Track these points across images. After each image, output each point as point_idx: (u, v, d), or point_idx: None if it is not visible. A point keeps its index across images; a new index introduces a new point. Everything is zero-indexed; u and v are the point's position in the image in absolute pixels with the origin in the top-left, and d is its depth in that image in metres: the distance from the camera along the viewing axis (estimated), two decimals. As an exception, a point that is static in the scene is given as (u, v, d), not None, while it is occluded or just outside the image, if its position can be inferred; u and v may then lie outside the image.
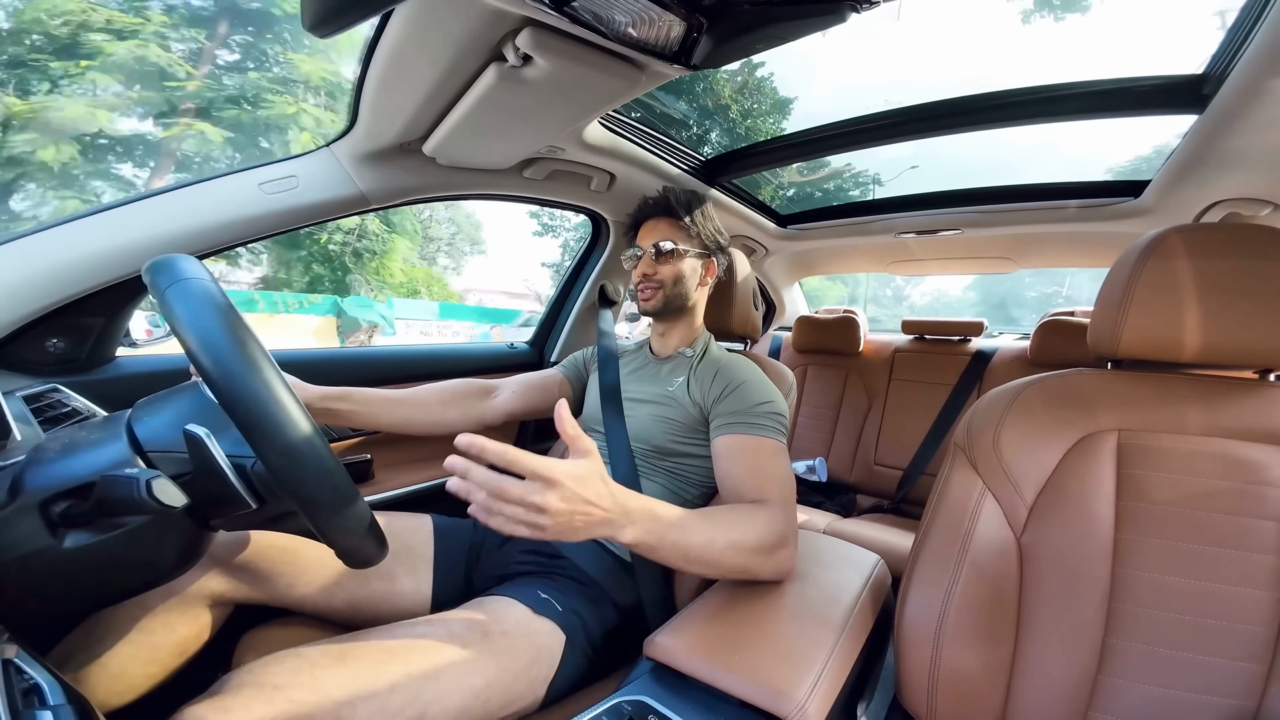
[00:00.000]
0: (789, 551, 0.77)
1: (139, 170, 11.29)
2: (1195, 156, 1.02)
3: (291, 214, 0.99)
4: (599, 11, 0.66)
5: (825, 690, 0.60)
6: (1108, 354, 0.72)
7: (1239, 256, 0.65)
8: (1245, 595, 0.60)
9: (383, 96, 0.87)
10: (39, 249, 0.82)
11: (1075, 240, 1.61)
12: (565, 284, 1.67)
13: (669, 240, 1.02)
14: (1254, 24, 0.74)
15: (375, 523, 0.54)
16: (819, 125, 1.30)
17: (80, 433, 0.54)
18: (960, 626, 0.66)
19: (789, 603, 0.76)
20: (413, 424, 1.02)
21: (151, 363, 1.01)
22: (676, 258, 1.02)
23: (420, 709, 0.61)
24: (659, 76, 0.81)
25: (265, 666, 0.57)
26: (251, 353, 0.46)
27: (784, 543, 0.76)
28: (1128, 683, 0.63)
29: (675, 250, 1.02)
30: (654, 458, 0.97)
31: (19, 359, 0.84)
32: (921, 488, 1.88)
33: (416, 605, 0.88)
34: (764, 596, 0.77)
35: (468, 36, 0.71)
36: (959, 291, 39.46)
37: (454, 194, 1.21)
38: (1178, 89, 0.95)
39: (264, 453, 0.46)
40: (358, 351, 1.33)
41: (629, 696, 0.60)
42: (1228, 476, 0.63)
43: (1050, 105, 1.08)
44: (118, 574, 0.52)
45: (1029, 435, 0.69)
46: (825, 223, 1.86)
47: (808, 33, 0.70)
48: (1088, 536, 0.65)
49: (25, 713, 0.36)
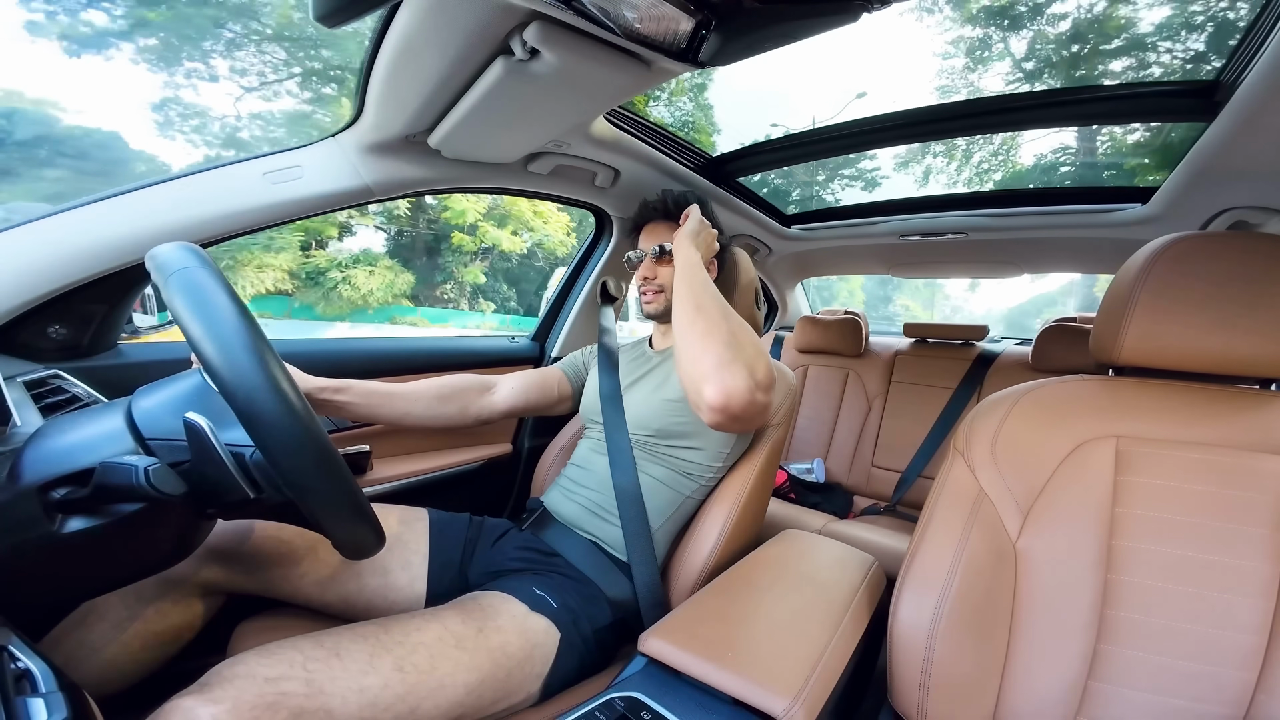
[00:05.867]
0: (749, 379, 0.74)
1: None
2: (1205, 164, 1.02)
3: (296, 204, 0.99)
4: (607, 7, 0.65)
5: (818, 690, 0.60)
6: (1109, 361, 0.72)
7: (1244, 265, 0.64)
8: (1238, 603, 0.60)
9: (389, 88, 0.86)
10: (43, 235, 0.82)
11: (1081, 246, 1.60)
12: (568, 279, 1.67)
13: (669, 242, 1.02)
14: (1268, 32, 0.73)
15: (372, 514, 0.54)
16: (826, 125, 1.30)
17: (80, 419, 0.54)
18: (954, 629, 0.66)
19: (784, 602, 0.76)
20: (411, 417, 1.02)
21: (152, 350, 1.01)
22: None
23: (413, 704, 0.61)
24: (666, 73, 0.80)
25: (257, 658, 0.57)
26: (253, 343, 0.46)
27: (753, 368, 0.75)
28: (1118, 689, 0.63)
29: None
30: (654, 443, 0.97)
31: (21, 344, 0.84)
32: (919, 490, 1.87)
33: (411, 599, 0.88)
34: (758, 595, 0.77)
35: (475, 29, 0.71)
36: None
37: (458, 187, 1.21)
38: (1188, 97, 0.95)
39: (263, 442, 0.46)
40: (358, 343, 1.33)
41: (622, 693, 0.60)
42: (1226, 485, 0.62)
43: (1060, 110, 1.07)
44: (114, 561, 0.52)
45: (1027, 441, 0.69)
46: (829, 223, 1.85)
47: (818, 31, 0.70)
48: (1083, 542, 0.65)
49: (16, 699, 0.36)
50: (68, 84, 13.26)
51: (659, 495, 0.94)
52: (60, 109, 13.21)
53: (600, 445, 1.01)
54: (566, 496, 1.01)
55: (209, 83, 13.48)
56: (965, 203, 1.60)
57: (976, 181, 12.54)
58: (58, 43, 12.98)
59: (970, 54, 12.57)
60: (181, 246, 0.51)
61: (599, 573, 0.89)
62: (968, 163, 12.72)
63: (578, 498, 0.99)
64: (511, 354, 1.59)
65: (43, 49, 12.89)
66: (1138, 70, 9.63)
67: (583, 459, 1.04)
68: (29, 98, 12.97)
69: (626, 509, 0.91)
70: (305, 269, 12.90)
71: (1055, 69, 11.05)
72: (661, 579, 0.91)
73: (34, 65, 13.27)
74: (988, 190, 1.55)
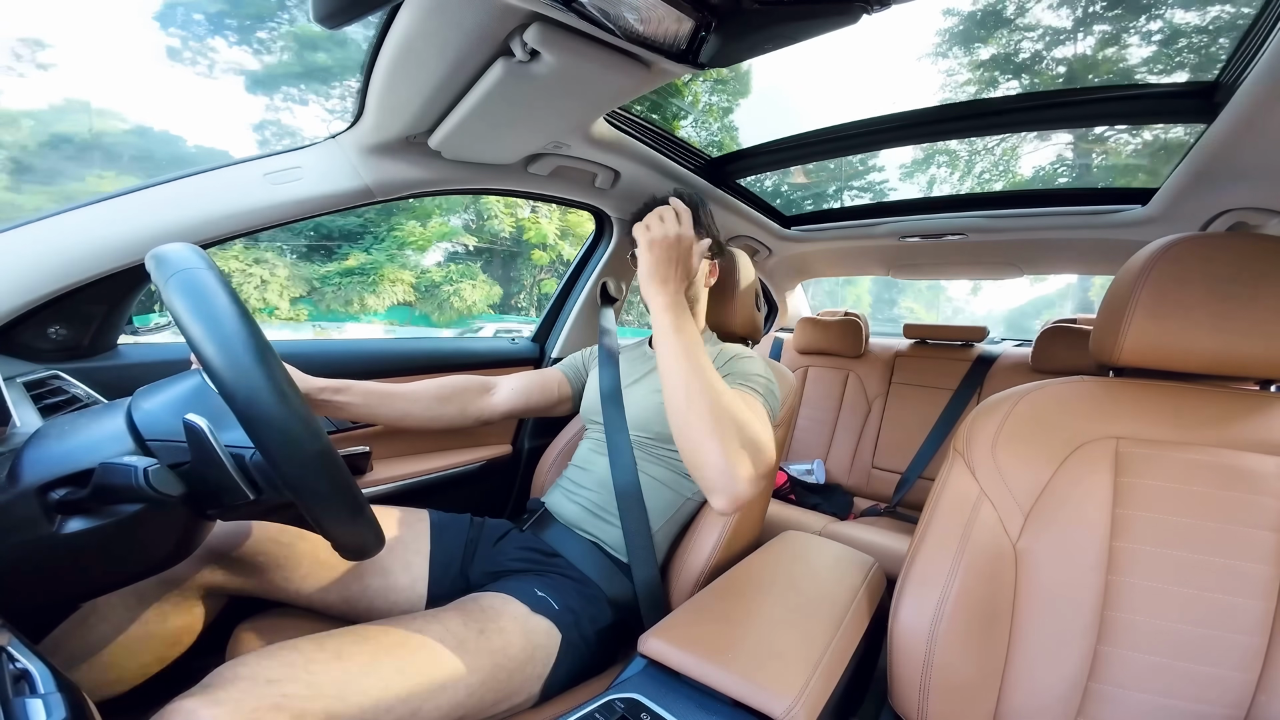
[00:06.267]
0: (752, 468, 0.69)
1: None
2: (1205, 165, 1.02)
3: (296, 205, 0.99)
4: (607, 8, 0.65)
5: (818, 691, 0.60)
6: (1109, 362, 0.72)
7: (1244, 266, 0.64)
8: (1238, 605, 0.60)
9: (389, 89, 0.86)
10: (43, 236, 0.82)
11: (1081, 247, 1.60)
12: (568, 280, 1.67)
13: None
14: (1268, 33, 0.73)
15: (372, 515, 0.54)
16: (826, 127, 1.29)
17: (80, 420, 0.54)
18: (954, 631, 0.66)
19: (784, 603, 0.76)
20: (410, 418, 1.02)
21: (153, 351, 1.01)
22: None
23: (414, 705, 0.61)
24: (666, 75, 0.80)
25: (258, 660, 0.57)
26: (253, 344, 0.46)
27: (755, 451, 0.70)
28: (1118, 690, 0.63)
29: None
30: (654, 445, 0.97)
31: (20, 345, 0.84)
32: (919, 492, 1.87)
33: (412, 600, 0.88)
34: (759, 596, 0.77)
35: (475, 30, 0.71)
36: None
37: (459, 188, 1.21)
38: (1189, 98, 0.95)
39: (263, 445, 0.46)
40: (358, 344, 1.33)
41: (622, 694, 0.60)
42: (1226, 487, 0.62)
43: (1059, 112, 1.07)
44: (113, 561, 0.52)
45: (1027, 442, 0.69)
46: (829, 225, 1.85)
47: (818, 33, 0.70)
48: (1083, 544, 0.65)
49: (15, 700, 0.36)
50: (191, 106, 16.77)
51: (659, 496, 0.94)
52: (182, 129, 16.65)
53: (601, 446, 1.00)
54: (567, 497, 1.01)
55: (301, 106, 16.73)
56: (965, 204, 1.60)
57: (978, 189, 12.73)
58: (188, 68, 16.28)
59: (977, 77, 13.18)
60: (182, 247, 0.51)
61: (600, 573, 0.89)
62: (970, 173, 12.90)
63: (578, 498, 0.99)
64: (511, 355, 1.59)
65: (177, 73, 16.32)
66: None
67: (583, 460, 1.04)
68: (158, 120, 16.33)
69: (627, 510, 0.91)
70: (422, 283, 15.69)
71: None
72: (662, 580, 0.91)
73: (165, 88, 16.85)
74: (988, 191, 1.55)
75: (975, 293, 25.99)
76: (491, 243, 16.38)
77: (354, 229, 15.55)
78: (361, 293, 14.95)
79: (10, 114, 15.30)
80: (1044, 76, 12.32)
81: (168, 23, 17.89)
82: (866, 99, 48.19)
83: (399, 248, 15.28)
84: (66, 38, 19.16)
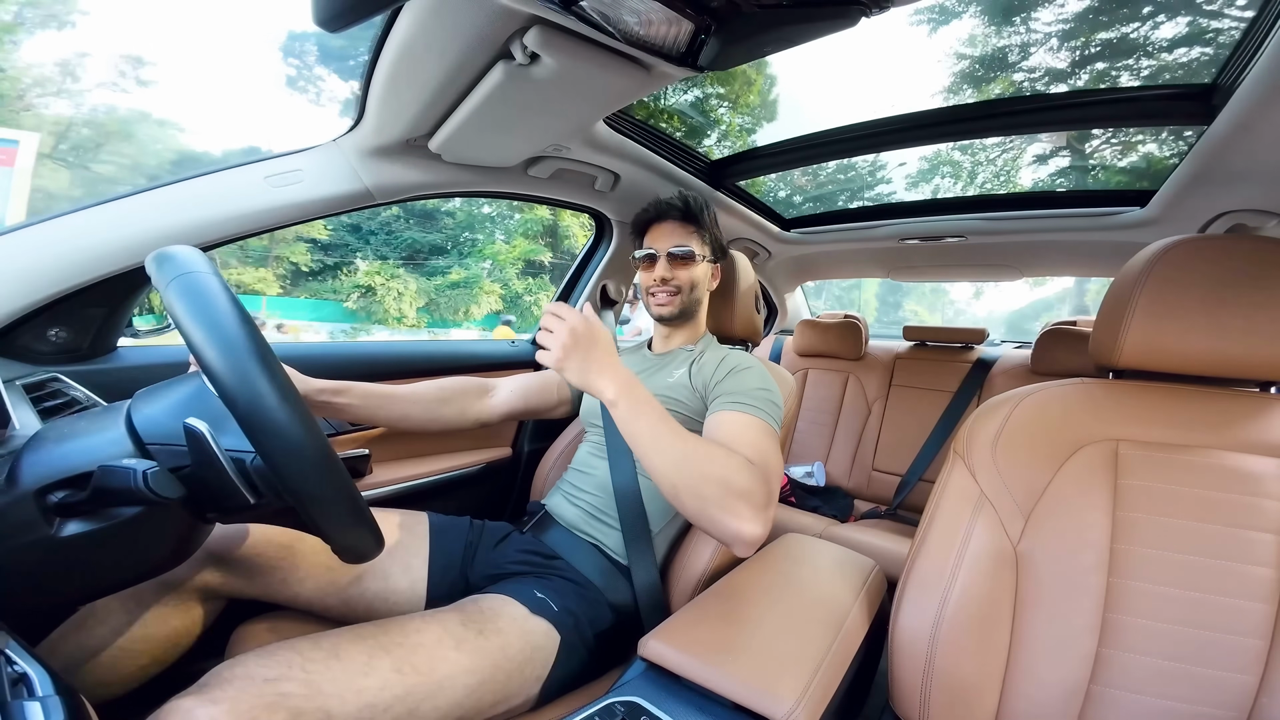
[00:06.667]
0: (752, 512, 0.68)
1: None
2: (1203, 168, 1.02)
3: (296, 208, 0.99)
4: (607, 12, 0.66)
5: (818, 694, 0.60)
6: (1109, 364, 0.72)
7: (1243, 268, 0.64)
8: (1240, 607, 0.60)
9: (390, 92, 0.86)
10: (43, 238, 0.82)
11: (1080, 249, 1.61)
12: (568, 283, 1.67)
13: (686, 244, 1.02)
14: (1265, 36, 0.74)
15: (371, 519, 0.54)
16: (825, 129, 1.30)
17: (79, 422, 0.53)
18: (955, 633, 0.66)
19: (784, 606, 0.76)
20: (410, 419, 1.02)
21: (153, 354, 1.01)
22: (693, 262, 1.02)
23: (412, 705, 0.61)
24: (666, 78, 0.80)
25: (256, 659, 0.57)
26: (253, 347, 0.46)
27: (749, 498, 0.68)
28: (1120, 693, 0.62)
29: (693, 254, 1.02)
30: None
31: (20, 347, 0.84)
32: (919, 494, 1.87)
33: (411, 603, 0.88)
34: (759, 599, 0.77)
35: (476, 34, 0.71)
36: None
37: (459, 191, 1.21)
38: (1186, 100, 0.95)
39: (264, 449, 0.46)
40: (358, 346, 1.34)
41: (621, 697, 0.60)
42: (1227, 489, 0.62)
43: (1057, 114, 1.08)
44: (112, 564, 0.52)
45: (1028, 444, 0.69)
46: (828, 227, 1.85)
47: (817, 36, 0.70)
48: (1084, 546, 0.65)
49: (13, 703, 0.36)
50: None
51: (659, 499, 0.94)
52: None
53: (600, 449, 1.00)
54: (568, 500, 1.00)
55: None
56: (964, 206, 1.60)
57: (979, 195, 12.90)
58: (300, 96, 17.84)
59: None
60: (182, 250, 0.51)
61: (600, 576, 0.89)
62: (973, 183, 13.04)
63: (579, 501, 0.99)
64: (511, 357, 1.59)
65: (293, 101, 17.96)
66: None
67: (583, 463, 1.04)
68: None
69: (627, 512, 0.91)
70: (508, 294, 19.17)
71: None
72: (662, 583, 0.91)
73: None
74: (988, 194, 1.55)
75: (977, 296, 26.09)
76: (565, 259, 18.31)
77: (440, 244, 19.51)
78: (467, 303, 18.56)
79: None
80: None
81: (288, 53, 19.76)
82: (873, 102, 48.29)
83: (493, 264, 19.56)
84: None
